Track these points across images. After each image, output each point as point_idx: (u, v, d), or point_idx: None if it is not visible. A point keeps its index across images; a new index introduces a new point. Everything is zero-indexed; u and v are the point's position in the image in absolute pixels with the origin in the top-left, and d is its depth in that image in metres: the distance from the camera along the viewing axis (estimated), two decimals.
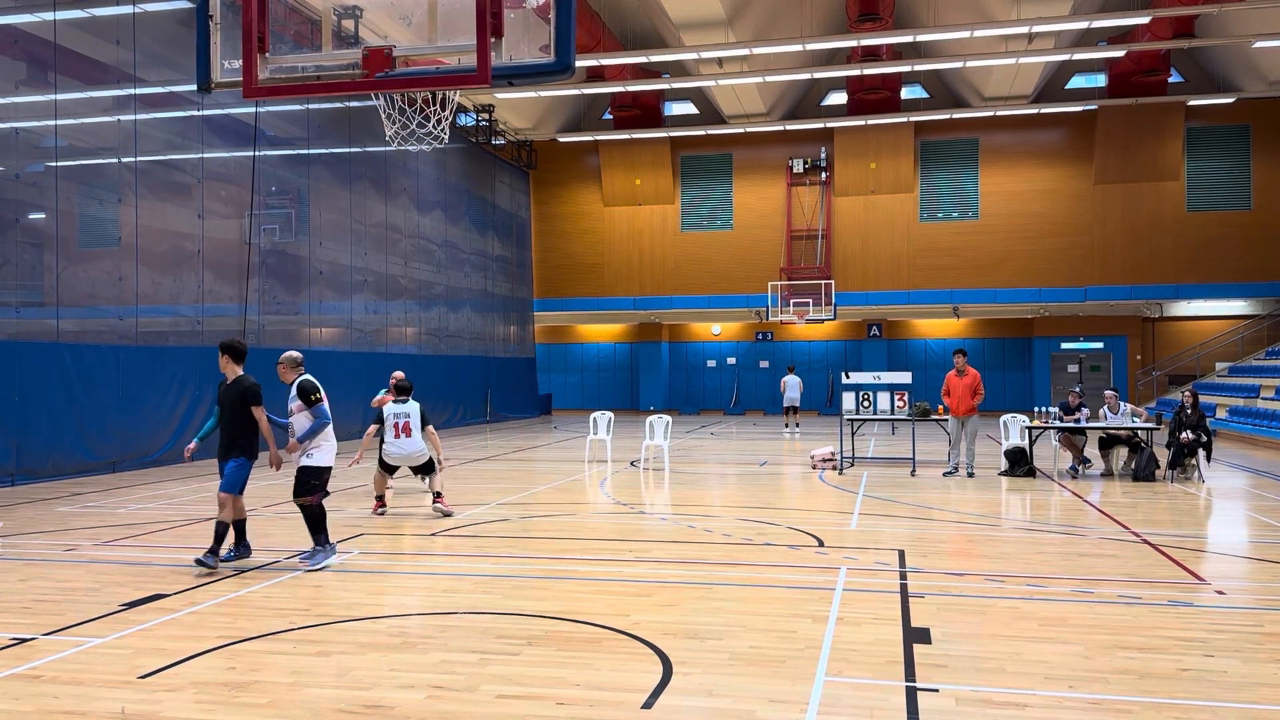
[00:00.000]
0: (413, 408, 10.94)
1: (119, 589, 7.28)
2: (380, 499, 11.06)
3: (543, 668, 5.37)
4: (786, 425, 25.68)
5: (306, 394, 8.06)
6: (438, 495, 10.95)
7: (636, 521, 10.60)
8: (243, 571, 7.90)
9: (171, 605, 6.80)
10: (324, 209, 21.87)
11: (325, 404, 8.14)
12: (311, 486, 8.06)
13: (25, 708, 4.78)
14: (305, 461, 8.09)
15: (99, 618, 6.45)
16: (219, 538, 7.84)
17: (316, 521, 8.08)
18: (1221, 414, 24.28)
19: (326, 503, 8.44)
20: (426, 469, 11.07)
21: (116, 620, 6.40)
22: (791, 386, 25.06)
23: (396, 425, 10.86)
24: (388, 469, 11.17)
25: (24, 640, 5.94)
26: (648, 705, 4.79)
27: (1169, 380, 31.92)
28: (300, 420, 8.10)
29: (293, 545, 8.95)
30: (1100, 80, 31.46)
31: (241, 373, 8.18)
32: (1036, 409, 15.73)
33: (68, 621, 6.35)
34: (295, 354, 8.38)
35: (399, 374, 11.57)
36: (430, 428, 11.09)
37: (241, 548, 8.32)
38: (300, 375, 8.25)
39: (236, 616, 6.47)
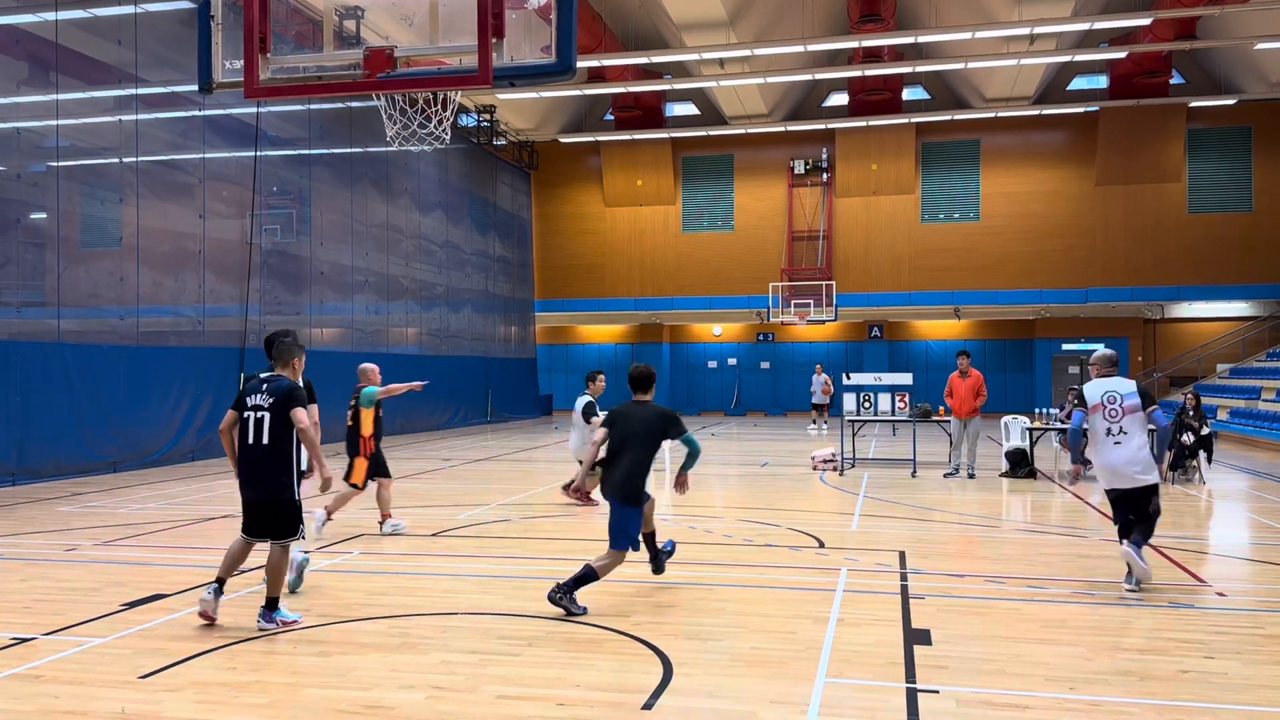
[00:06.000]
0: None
1: (120, 589, 7.29)
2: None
3: (543, 668, 5.37)
4: (814, 422, 25.90)
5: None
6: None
7: None
8: (242, 572, 7.89)
9: (172, 605, 6.80)
10: (325, 209, 21.88)
11: None
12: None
13: (26, 707, 4.78)
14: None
15: (100, 617, 6.45)
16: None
17: None
18: (1222, 416, 24.26)
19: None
20: None
21: (117, 620, 6.40)
22: (815, 384, 25.49)
23: None
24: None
25: (25, 640, 5.94)
26: (648, 706, 4.79)
27: (1170, 382, 31.88)
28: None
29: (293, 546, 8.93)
30: (1102, 82, 31.45)
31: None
32: (1037, 410, 15.72)
33: (68, 621, 6.35)
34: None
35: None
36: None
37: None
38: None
39: (237, 617, 6.47)
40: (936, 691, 4.97)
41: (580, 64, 24.49)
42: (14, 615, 6.53)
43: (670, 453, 16.09)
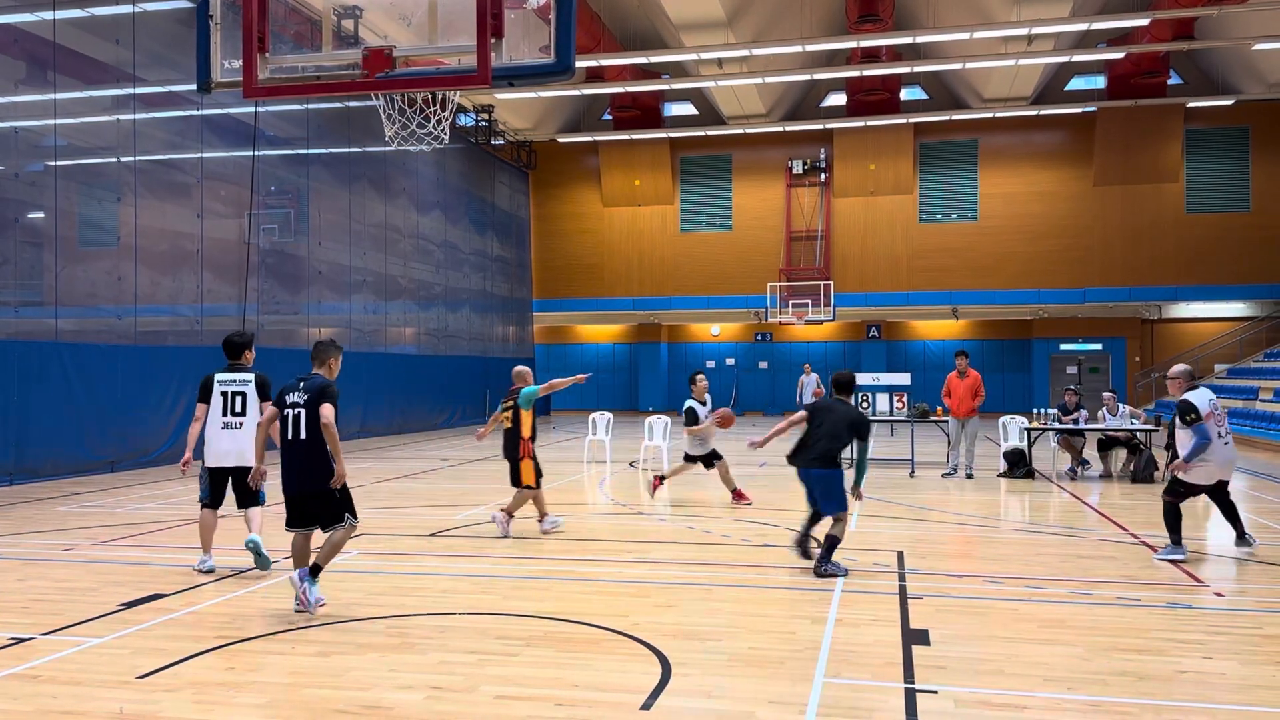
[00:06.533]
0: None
1: (117, 589, 7.28)
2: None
3: (541, 668, 5.37)
4: None
5: (1183, 413, 8.43)
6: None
7: (635, 522, 10.60)
8: (241, 572, 7.90)
9: (170, 605, 6.79)
10: (323, 209, 21.86)
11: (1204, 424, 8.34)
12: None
13: (23, 708, 4.78)
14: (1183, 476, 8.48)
15: (97, 617, 6.45)
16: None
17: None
18: None
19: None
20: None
21: (115, 620, 6.40)
22: (807, 385, 25.11)
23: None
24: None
25: (22, 640, 5.93)
26: (646, 706, 4.78)
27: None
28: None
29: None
30: (1100, 82, 31.48)
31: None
32: (1035, 410, 15.73)
33: (66, 621, 6.35)
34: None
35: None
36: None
37: None
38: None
39: (235, 617, 6.47)
40: (935, 691, 4.98)
41: (579, 64, 24.52)
42: (11, 615, 6.53)
43: (668, 455, 16.06)
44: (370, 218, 23.78)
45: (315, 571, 6.53)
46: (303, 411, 6.44)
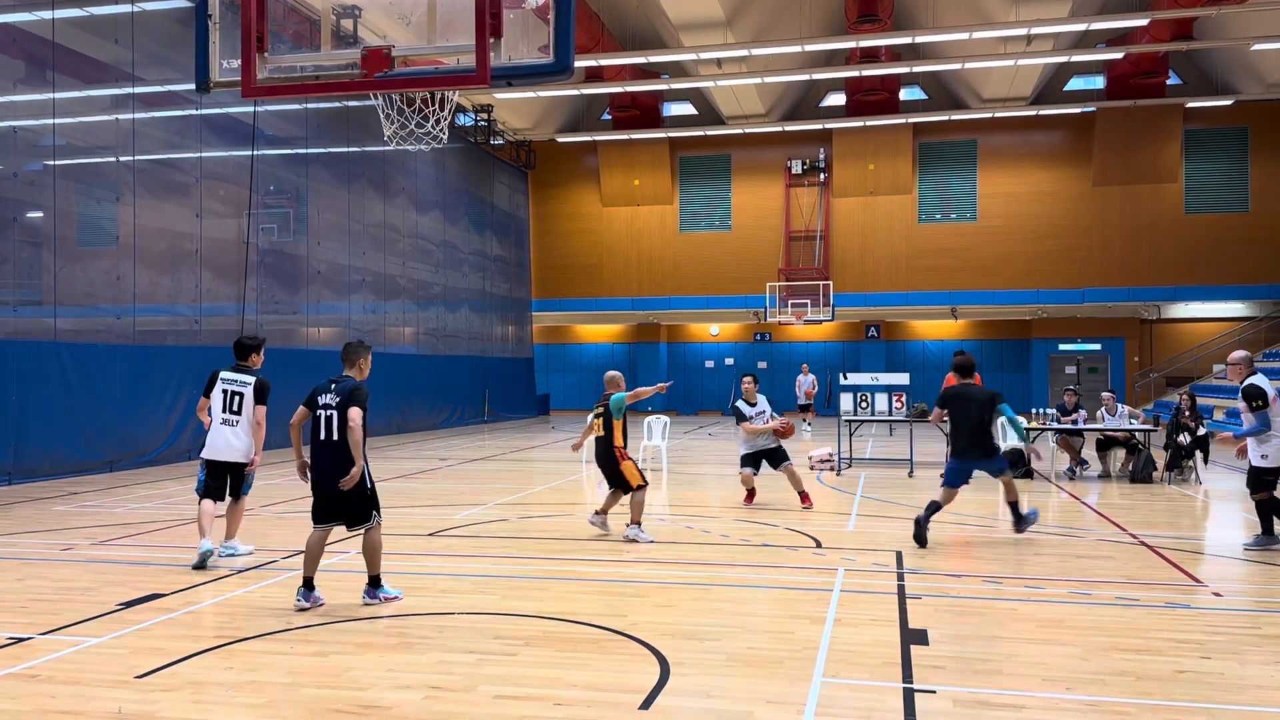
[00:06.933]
0: None
1: (116, 588, 7.28)
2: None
3: (540, 668, 5.37)
4: (805, 422, 25.46)
5: (1250, 398, 8.56)
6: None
7: None
8: (240, 572, 7.90)
9: (169, 605, 6.79)
10: (322, 208, 21.86)
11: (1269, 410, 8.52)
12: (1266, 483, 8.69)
13: (22, 707, 4.77)
14: (1260, 463, 8.65)
15: (96, 617, 6.45)
16: None
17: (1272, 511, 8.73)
18: (1219, 416, 24.29)
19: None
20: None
21: (113, 620, 6.40)
22: (802, 385, 25.11)
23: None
24: None
25: (21, 640, 5.93)
26: (645, 706, 4.79)
27: (1166, 382, 31.96)
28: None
29: (291, 544, 8.94)
30: (1099, 82, 31.49)
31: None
32: (1034, 410, 15.73)
33: (65, 621, 6.34)
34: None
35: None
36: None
37: None
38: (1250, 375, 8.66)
39: (234, 616, 6.47)
40: (933, 691, 4.98)
41: (578, 63, 24.54)
42: (10, 615, 6.52)
43: (650, 448, 16.06)
44: (369, 217, 23.78)
45: (375, 582, 6.80)
46: (334, 413, 6.62)
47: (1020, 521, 9.36)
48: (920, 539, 8.83)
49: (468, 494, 12.98)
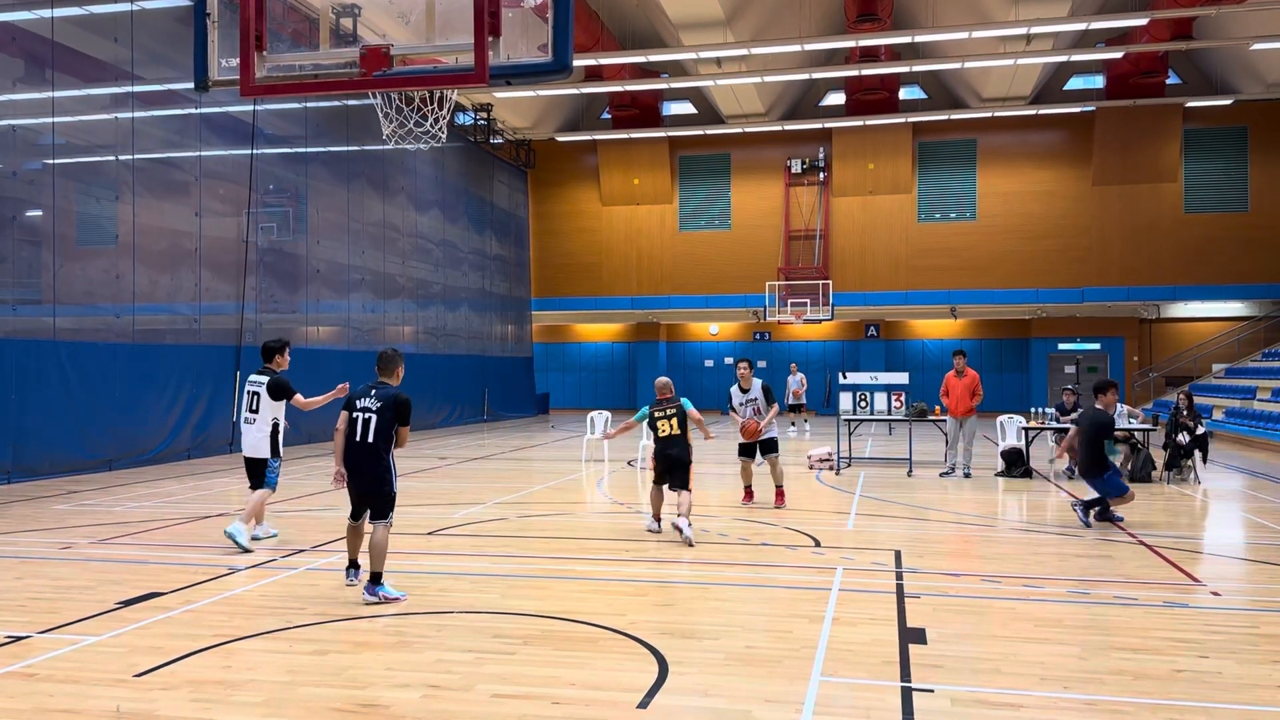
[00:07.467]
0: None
1: (115, 587, 7.28)
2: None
3: (539, 667, 5.38)
4: (793, 424, 25.30)
5: None
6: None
7: (633, 521, 10.60)
8: (238, 570, 7.90)
9: (167, 604, 6.79)
10: (322, 207, 21.85)
11: None
12: None
13: (21, 706, 4.78)
14: None
15: (94, 616, 6.45)
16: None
17: None
18: (1218, 415, 24.31)
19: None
20: None
21: (112, 618, 6.40)
22: (790, 385, 24.92)
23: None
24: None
25: (19, 638, 5.93)
26: (643, 705, 4.79)
27: (1166, 382, 31.97)
28: None
29: (291, 544, 8.95)
30: (1098, 82, 31.50)
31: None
32: (1033, 410, 15.74)
33: (63, 619, 6.34)
34: None
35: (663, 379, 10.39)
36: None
37: None
38: None
39: (232, 615, 6.47)
40: (931, 690, 4.98)
41: (577, 63, 24.53)
42: (9, 613, 6.52)
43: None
44: (369, 216, 23.77)
45: (376, 579, 6.85)
46: (373, 417, 6.83)
47: (1088, 509, 10.14)
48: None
49: (467, 493, 12.98)
